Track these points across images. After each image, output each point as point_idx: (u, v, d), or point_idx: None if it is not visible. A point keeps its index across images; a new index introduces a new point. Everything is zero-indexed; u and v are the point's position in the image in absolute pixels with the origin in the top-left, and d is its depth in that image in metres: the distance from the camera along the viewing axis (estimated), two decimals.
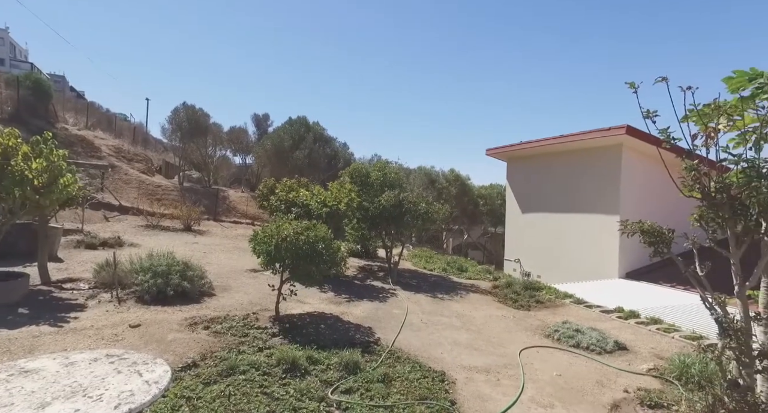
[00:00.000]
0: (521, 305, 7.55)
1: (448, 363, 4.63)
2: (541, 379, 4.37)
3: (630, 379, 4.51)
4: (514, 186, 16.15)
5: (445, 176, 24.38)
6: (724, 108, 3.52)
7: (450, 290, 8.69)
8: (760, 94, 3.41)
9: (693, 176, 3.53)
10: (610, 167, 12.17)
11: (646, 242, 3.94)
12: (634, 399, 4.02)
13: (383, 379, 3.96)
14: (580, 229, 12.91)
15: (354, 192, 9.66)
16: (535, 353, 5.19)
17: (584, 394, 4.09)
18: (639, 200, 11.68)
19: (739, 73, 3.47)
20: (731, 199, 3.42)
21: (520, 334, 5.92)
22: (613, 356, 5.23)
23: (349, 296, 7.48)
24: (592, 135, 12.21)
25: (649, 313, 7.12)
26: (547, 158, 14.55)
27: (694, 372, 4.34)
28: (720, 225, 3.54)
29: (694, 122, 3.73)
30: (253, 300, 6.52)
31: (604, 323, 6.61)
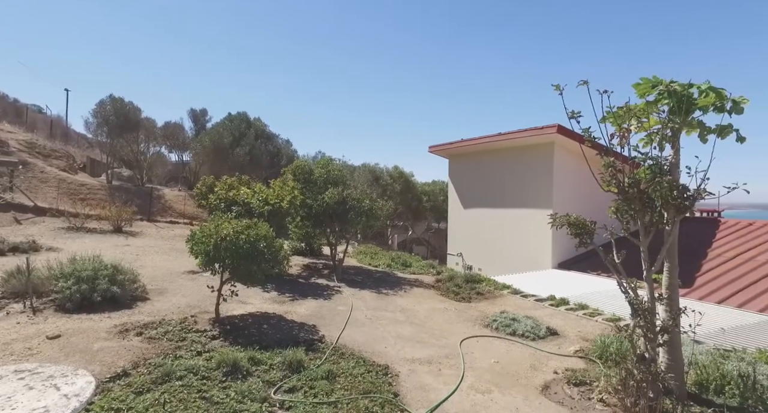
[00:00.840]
0: (462, 298, 7.85)
1: (392, 357, 4.73)
2: (480, 367, 4.59)
3: (559, 361, 4.85)
4: (456, 182, 16.69)
5: (389, 173, 24.65)
6: (634, 111, 3.90)
7: (394, 285, 8.83)
8: (661, 99, 3.81)
9: (610, 172, 3.88)
10: (543, 164, 12.93)
11: (572, 233, 4.25)
12: (562, 379, 4.34)
13: (327, 376, 3.97)
14: (517, 223, 13.62)
15: (297, 190, 9.53)
16: (475, 342, 5.43)
17: (519, 378, 4.35)
18: (570, 194, 12.51)
19: (644, 80, 3.85)
20: (641, 193, 3.80)
21: (461, 325, 6.16)
22: (545, 341, 5.59)
23: (293, 294, 7.38)
24: (526, 133, 12.91)
25: (577, 300, 7.69)
26: (486, 155, 15.17)
27: (613, 350, 4.76)
28: (632, 217, 3.92)
29: (611, 123, 4.09)
30: (191, 303, 6.25)
31: (538, 311, 7.04)
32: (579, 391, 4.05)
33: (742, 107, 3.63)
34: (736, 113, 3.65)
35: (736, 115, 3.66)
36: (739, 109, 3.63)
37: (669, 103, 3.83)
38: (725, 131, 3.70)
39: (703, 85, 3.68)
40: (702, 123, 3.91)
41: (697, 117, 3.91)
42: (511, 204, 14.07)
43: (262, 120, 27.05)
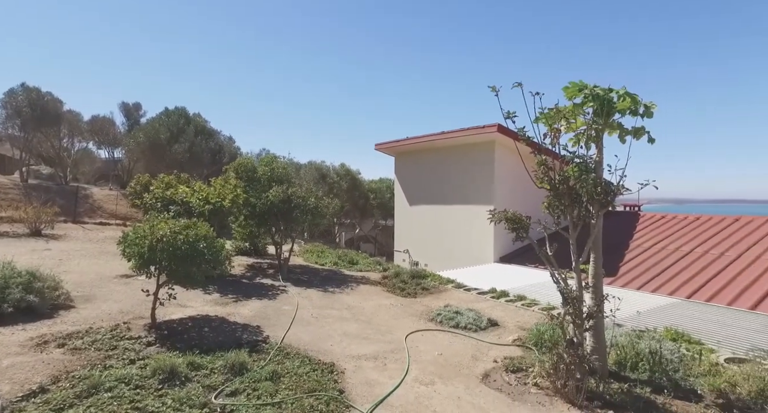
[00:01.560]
0: (408, 293, 8.00)
1: (338, 354, 4.73)
2: (424, 360, 4.71)
3: (499, 351, 5.09)
4: (402, 180, 16.93)
5: (336, 171, 24.51)
6: (563, 112, 4.16)
7: (341, 283, 8.82)
8: (587, 102, 4.10)
9: (542, 169, 4.13)
10: (484, 162, 13.45)
11: (510, 228, 4.47)
12: (501, 367, 4.56)
13: (271, 377, 3.90)
14: (461, 219, 14.07)
15: (240, 188, 9.22)
16: (420, 336, 5.56)
17: (461, 368, 4.52)
18: (510, 191, 13.11)
19: (572, 84, 4.12)
20: (570, 189, 4.07)
21: (406, 320, 6.27)
22: (486, 332, 5.84)
23: (237, 295, 7.15)
24: (468, 132, 13.35)
25: (516, 291, 8.09)
26: (431, 153, 15.51)
27: (547, 337, 5.07)
28: (562, 212, 4.19)
29: (543, 123, 4.34)
30: (124, 309, 5.86)
31: (480, 303, 7.34)
32: (516, 377, 4.28)
33: (652, 111, 3.99)
34: (647, 117, 4.01)
35: (648, 118, 4.02)
36: (650, 113, 3.99)
37: (593, 105, 4.13)
38: (639, 132, 4.06)
39: (621, 90, 4.01)
40: (621, 125, 4.25)
41: (617, 119, 4.25)
42: (455, 201, 14.50)
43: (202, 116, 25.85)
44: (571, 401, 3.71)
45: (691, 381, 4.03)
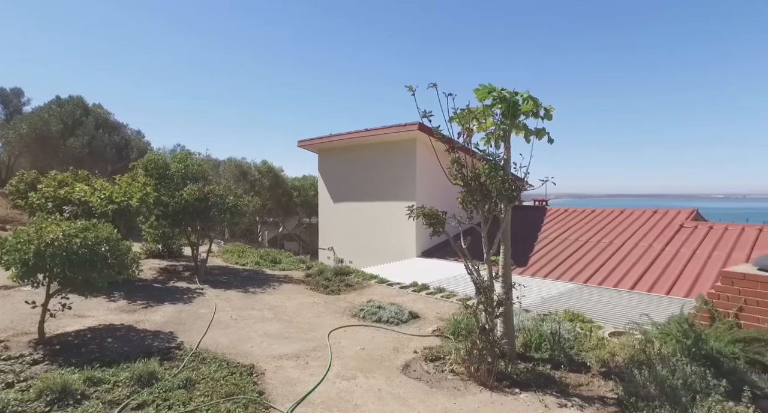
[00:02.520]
0: (332, 291, 7.99)
1: (258, 356, 4.60)
2: (347, 355, 4.75)
3: (419, 342, 5.29)
4: (326, 177, 16.82)
5: (257, 168, 23.64)
6: (474, 113, 4.43)
7: (263, 283, 8.56)
8: (495, 104, 4.41)
9: (456, 167, 4.36)
10: (407, 159, 13.82)
11: (427, 223, 4.66)
12: (420, 357, 4.75)
13: (185, 384, 3.69)
14: (385, 215, 14.33)
15: (150, 186, 8.53)
16: (343, 332, 5.59)
17: (382, 361, 4.63)
18: (431, 187, 13.59)
19: (482, 87, 4.39)
20: (481, 185, 4.35)
21: (330, 317, 6.27)
22: (408, 324, 6.03)
23: (147, 301, 6.63)
24: (391, 130, 13.63)
25: (436, 284, 8.45)
26: (354, 150, 15.59)
27: (463, 326, 5.37)
28: (475, 206, 4.47)
29: (457, 123, 4.58)
30: (2, 325, 5.16)
31: (402, 297, 7.55)
32: (434, 366, 4.49)
33: (551, 114, 4.40)
34: (547, 119, 4.41)
35: (547, 120, 4.43)
36: (549, 115, 4.40)
37: (501, 107, 4.45)
38: (540, 133, 4.45)
39: (525, 93, 4.36)
40: (526, 126, 4.62)
41: (522, 121, 4.62)
42: (378, 198, 14.73)
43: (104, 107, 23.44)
44: (483, 383, 3.98)
45: (583, 355, 4.53)
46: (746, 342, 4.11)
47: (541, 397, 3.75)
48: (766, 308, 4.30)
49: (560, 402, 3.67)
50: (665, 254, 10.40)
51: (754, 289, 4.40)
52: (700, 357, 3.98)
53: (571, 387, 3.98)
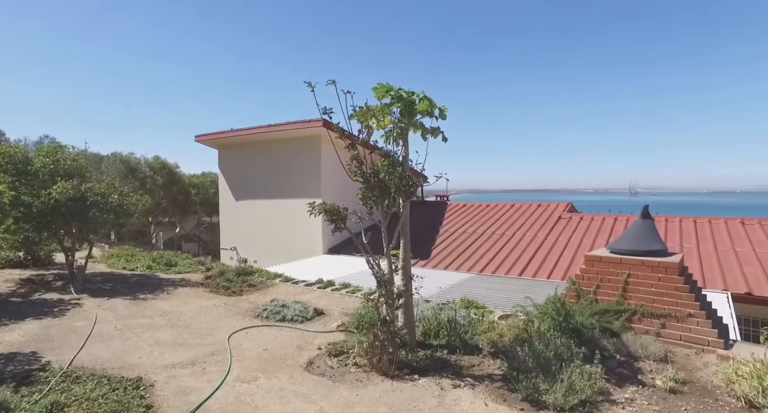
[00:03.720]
0: (233, 292, 7.63)
1: (147, 367, 4.23)
2: (248, 357, 4.58)
3: (324, 338, 5.29)
4: (227, 174, 15.96)
5: (148, 164, 21.53)
6: (373, 111, 4.54)
7: (155, 288, 7.86)
8: (394, 103, 4.56)
9: (355, 164, 4.43)
10: (311, 156, 13.67)
11: (328, 219, 4.67)
12: (324, 353, 4.76)
13: (50, 411, 3.25)
14: (291, 213, 14.03)
15: (5, 184, 7.30)
16: (245, 334, 5.37)
17: (286, 360, 4.55)
18: (337, 184, 13.61)
19: (380, 86, 4.51)
20: (380, 182, 4.48)
21: (231, 320, 5.99)
22: (312, 322, 5.99)
23: (1, 319, 5.69)
24: (295, 126, 13.37)
25: (342, 280, 8.51)
26: (257, 146, 15.00)
27: (367, 320, 5.48)
28: (374, 202, 4.58)
29: (357, 120, 4.65)
30: None
31: (307, 295, 7.48)
32: (338, 360, 4.53)
33: (446, 114, 4.68)
34: (442, 119, 4.68)
35: (442, 120, 4.70)
36: (444, 115, 4.67)
37: (399, 106, 4.62)
38: (436, 132, 4.70)
39: (420, 94, 4.57)
40: (422, 125, 4.84)
41: (419, 119, 4.84)
42: (284, 195, 14.38)
43: None
44: (385, 373, 4.12)
45: (476, 338, 4.92)
46: (600, 314, 4.82)
47: (438, 380, 4.00)
48: (615, 284, 5.07)
49: (455, 383, 3.95)
50: (547, 243, 11.69)
51: (608, 269, 5.17)
52: (568, 330, 4.55)
53: (464, 368, 4.30)
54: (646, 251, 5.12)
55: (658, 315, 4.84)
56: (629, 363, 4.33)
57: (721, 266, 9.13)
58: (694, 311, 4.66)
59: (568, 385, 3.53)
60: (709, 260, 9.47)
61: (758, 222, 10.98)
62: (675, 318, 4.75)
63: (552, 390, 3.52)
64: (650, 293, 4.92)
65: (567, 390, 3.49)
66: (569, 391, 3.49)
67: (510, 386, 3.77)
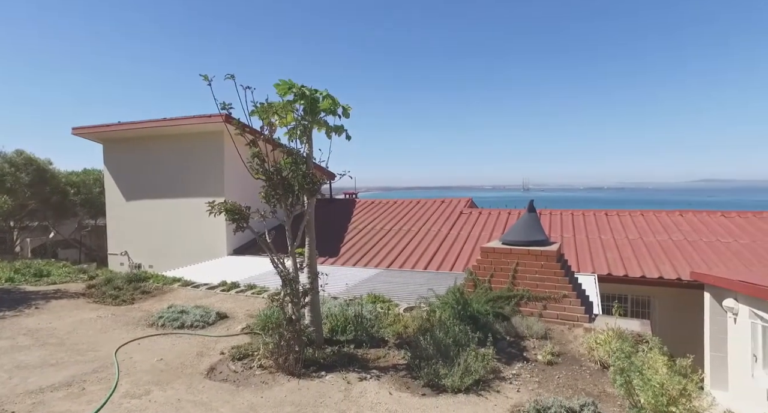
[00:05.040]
0: (123, 301, 6.91)
1: (4, 397, 3.65)
2: (140, 370, 4.21)
3: (227, 342, 5.06)
4: (115, 171, 14.38)
5: (9, 160, 18.42)
6: (275, 108, 4.43)
7: (18, 304, 6.78)
8: (297, 100, 4.51)
9: (256, 161, 4.29)
10: (214, 152, 12.90)
11: (230, 219, 4.48)
12: (228, 357, 4.55)
13: None
14: (192, 213, 13.08)
15: None
16: (136, 346, 4.92)
17: (184, 369, 4.27)
18: (242, 182, 12.98)
19: (282, 82, 4.43)
20: (283, 180, 4.40)
21: (119, 331, 5.43)
22: (215, 326, 5.69)
23: None
24: (195, 120, 12.51)
25: (248, 281, 8.18)
26: (152, 141, 13.74)
27: (273, 320, 5.37)
28: (278, 201, 4.49)
29: (259, 117, 4.51)
30: None
31: (209, 298, 7.06)
32: (242, 364, 4.37)
33: (349, 112, 4.74)
34: (345, 117, 4.74)
35: (346, 118, 4.76)
36: (347, 114, 4.73)
37: (303, 104, 4.57)
38: (339, 130, 4.75)
39: (324, 91, 4.58)
40: (326, 122, 4.85)
41: (323, 117, 4.84)
42: (183, 194, 13.38)
43: None
44: (291, 372, 4.08)
45: (382, 331, 5.09)
46: (494, 300, 5.29)
47: (345, 375, 4.06)
48: (506, 273, 5.61)
49: (361, 376, 4.05)
50: (449, 237, 12.44)
51: (500, 259, 5.69)
52: (466, 317, 4.92)
53: (371, 361, 4.43)
54: (531, 241, 5.72)
55: (540, 298, 5.45)
56: (517, 343, 4.82)
57: (590, 252, 10.54)
58: (568, 292, 5.34)
59: (464, 368, 3.83)
60: (581, 247, 10.87)
61: (617, 214, 12.88)
62: (554, 300, 5.39)
63: (450, 373, 3.78)
64: (535, 279, 5.52)
65: (463, 373, 3.78)
66: (465, 373, 3.78)
67: (413, 374, 3.97)
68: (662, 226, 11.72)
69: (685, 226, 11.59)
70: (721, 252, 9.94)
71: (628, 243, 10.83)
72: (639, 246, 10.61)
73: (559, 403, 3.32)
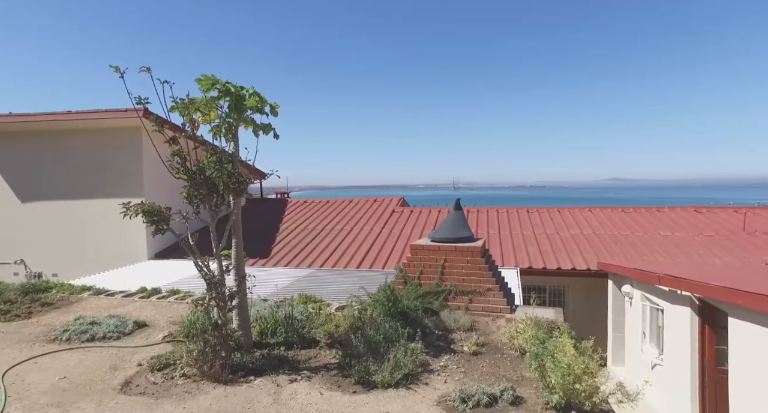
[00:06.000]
0: (17, 315, 6.14)
1: None
2: (35, 392, 3.78)
3: (147, 353, 4.72)
4: (5, 170, 12.76)
5: None
6: (197, 104, 4.22)
7: None
8: (221, 96, 4.33)
9: (176, 160, 4.06)
10: (131, 150, 11.94)
11: (148, 221, 4.19)
12: (147, 369, 4.26)
13: None
14: (107, 215, 11.97)
15: None
16: (32, 365, 4.41)
17: (93, 385, 3.92)
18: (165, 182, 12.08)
19: (205, 77, 4.23)
20: (207, 179, 4.20)
21: (10, 351, 4.83)
22: (132, 336, 5.28)
23: None
24: (107, 115, 11.50)
25: (171, 286, 7.69)
26: (55, 136, 12.40)
27: (198, 326, 5.10)
28: (201, 201, 4.28)
29: (180, 113, 4.27)
30: None
31: (126, 307, 6.54)
32: (163, 375, 4.11)
33: (277, 111, 4.65)
34: (273, 115, 4.64)
35: (274, 117, 4.66)
36: (275, 112, 4.63)
37: (228, 101, 4.39)
38: (267, 128, 4.63)
39: (250, 89, 4.44)
40: (254, 120, 4.71)
41: (250, 115, 4.68)
42: (96, 194, 12.23)
43: None
44: (217, 379, 3.91)
45: (313, 331, 5.05)
46: (423, 296, 5.47)
47: (275, 378, 3.98)
48: (435, 269, 5.82)
49: (291, 378, 3.99)
50: (382, 236, 12.62)
51: (429, 256, 5.89)
52: (396, 314, 5.04)
53: (302, 362, 4.38)
54: (458, 238, 5.99)
55: (467, 292, 5.73)
56: (445, 336, 5.03)
57: (513, 246, 11.26)
58: (491, 286, 5.66)
59: (394, 363, 3.92)
60: (506, 242, 11.58)
61: (537, 210, 13.89)
62: (479, 293, 5.69)
63: (380, 369, 3.85)
64: (461, 274, 5.78)
65: (393, 368, 3.87)
66: (395, 368, 3.88)
67: (344, 372, 3.99)
68: (575, 221, 12.82)
69: (593, 221, 12.79)
70: (622, 244, 11.11)
71: (547, 238, 11.71)
72: (556, 240, 11.52)
73: (482, 390, 3.52)
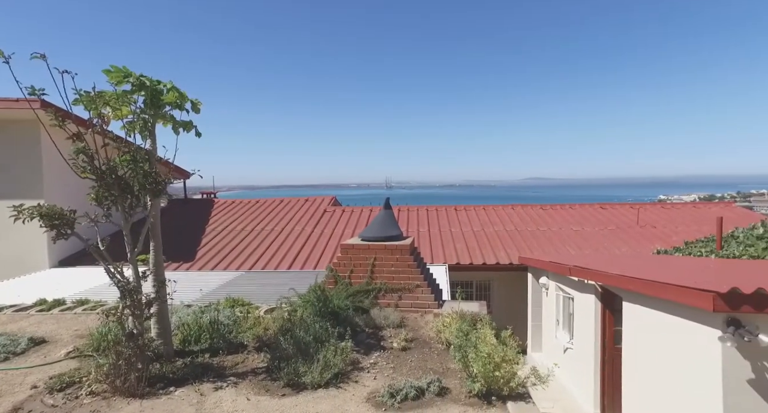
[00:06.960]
0: None
1: None
2: None
3: (45, 372, 4.25)
4: None
5: None
6: (106, 97, 3.89)
7: None
8: (135, 90, 4.03)
9: (82, 159, 3.72)
10: (27, 146, 10.65)
11: (47, 225, 3.80)
12: (43, 390, 3.83)
13: None
14: None
15: None
16: None
17: None
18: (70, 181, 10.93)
19: (116, 69, 3.92)
20: (119, 179, 3.89)
21: None
22: (26, 355, 4.73)
23: None
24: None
25: (77, 297, 7.01)
26: None
27: (111, 338, 4.71)
28: (113, 202, 3.96)
29: (86, 107, 3.91)
30: None
31: (18, 322, 5.84)
32: (65, 395, 3.73)
33: (199, 108, 4.42)
34: (195, 112, 4.41)
35: (195, 114, 4.43)
36: (197, 109, 4.40)
37: (143, 95, 4.10)
38: (188, 126, 4.39)
39: (168, 83, 4.18)
40: (173, 117, 4.43)
41: (169, 111, 4.41)
42: None
43: None
44: (132, 394, 3.65)
45: (240, 336, 4.88)
46: (354, 295, 5.52)
47: (198, 387, 3.80)
48: (365, 268, 5.90)
49: (216, 385, 3.83)
50: (314, 235, 12.48)
51: (359, 255, 5.95)
52: (327, 314, 5.03)
53: (228, 368, 4.22)
54: (387, 236, 6.11)
55: (396, 289, 5.87)
56: (375, 334, 5.11)
57: (442, 244, 11.71)
58: (420, 282, 5.86)
59: (324, 363, 3.92)
60: (435, 239, 11.99)
61: (464, 208, 14.55)
62: (408, 290, 5.85)
63: (310, 370, 3.84)
64: (391, 272, 5.91)
65: (323, 368, 3.87)
66: (325, 368, 3.88)
67: (273, 376, 3.91)
68: (499, 218, 13.62)
69: (515, 218, 13.68)
70: (540, 239, 12.01)
71: (473, 235, 12.32)
72: (481, 237, 12.15)
73: (410, 384, 3.65)
